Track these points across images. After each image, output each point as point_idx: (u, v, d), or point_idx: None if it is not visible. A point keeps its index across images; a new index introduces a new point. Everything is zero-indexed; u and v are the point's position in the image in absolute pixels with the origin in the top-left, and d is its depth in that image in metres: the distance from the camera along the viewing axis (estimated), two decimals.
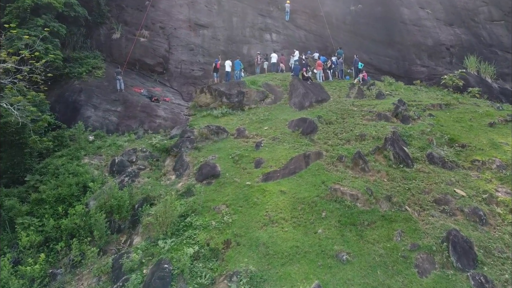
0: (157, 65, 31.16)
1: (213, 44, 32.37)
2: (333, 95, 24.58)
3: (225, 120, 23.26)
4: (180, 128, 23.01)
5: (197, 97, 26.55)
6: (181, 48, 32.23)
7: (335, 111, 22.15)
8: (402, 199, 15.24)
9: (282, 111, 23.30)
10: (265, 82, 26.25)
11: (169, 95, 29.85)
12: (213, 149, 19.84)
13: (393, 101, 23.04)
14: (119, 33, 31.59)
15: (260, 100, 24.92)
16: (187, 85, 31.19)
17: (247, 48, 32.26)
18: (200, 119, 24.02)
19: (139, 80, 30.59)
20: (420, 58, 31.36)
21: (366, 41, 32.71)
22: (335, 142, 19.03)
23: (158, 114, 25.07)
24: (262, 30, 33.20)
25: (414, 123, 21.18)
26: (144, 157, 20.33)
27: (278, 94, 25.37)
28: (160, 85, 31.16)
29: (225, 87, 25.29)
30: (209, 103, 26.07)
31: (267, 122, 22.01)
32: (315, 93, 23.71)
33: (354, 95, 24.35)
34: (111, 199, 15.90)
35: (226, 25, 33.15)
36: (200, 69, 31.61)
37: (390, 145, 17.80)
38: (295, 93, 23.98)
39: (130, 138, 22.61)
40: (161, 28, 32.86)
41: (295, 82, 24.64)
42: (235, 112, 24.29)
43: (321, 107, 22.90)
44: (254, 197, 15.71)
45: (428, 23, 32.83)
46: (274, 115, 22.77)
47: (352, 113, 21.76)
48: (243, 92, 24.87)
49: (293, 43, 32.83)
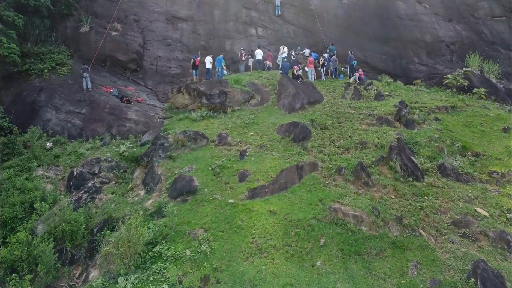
0: (130, 61, 28.46)
1: (192, 39, 29.81)
2: (326, 95, 22.30)
3: (205, 124, 20.73)
4: (153, 133, 20.37)
5: (173, 98, 23.93)
6: (157, 43, 29.59)
7: (330, 114, 19.86)
8: (415, 221, 13.00)
9: (270, 113, 20.90)
10: (250, 81, 23.82)
11: (143, 95, 27.18)
12: (190, 159, 17.30)
13: (394, 102, 20.91)
14: (88, 26, 28.80)
15: (245, 101, 22.47)
16: (164, 84, 28.58)
17: (230, 44, 29.79)
18: (177, 123, 21.43)
19: (109, 78, 27.84)
20: (418, 55, 29.43)
21: (359, 37, 30.63)
22: (332, 151, 16.71)
23: (128, 117, 22.37)
24: (246, 24, 30.78)
25: (419, 128, 19.06)
26: (109, 168, 17.64)
27: (265, 95, 22.97)
28: (133, 84, 28.46)
29: (205, 87, 22.76)
30: (187, 105, 23.51)
31: (253, 126, 19.57)
32: (306, 94, 21.38)
33: (350, 96, 22.12)
34: (63, 222, 13.20)
35: (207, 18, 30.63)
36: (178, 66, 29.03)
37: (397, 154, 15.58)
38: (285, 94, 21.61)
39: (94, 145, 19.88)
40: (135, 21, 30.15)
41: (284, 81, 22.28)
42: (217, 115, 21.78)
43: (314, 109, 20.59)
44: (238, 219, 13.26)
45: (425, 18, 30.95)
46: (260, 119, 20.35)
47: (349, 116, 19.51)
48: (226, 92, 22.38)
49: (280, 38, 30.50)
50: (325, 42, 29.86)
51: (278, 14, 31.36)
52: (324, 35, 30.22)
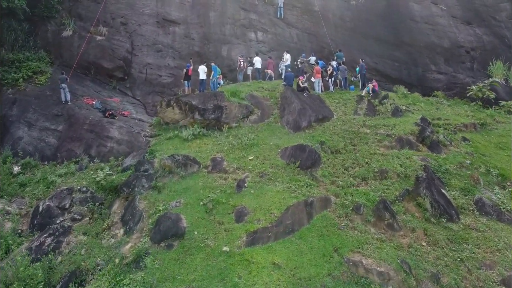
0: (116, 69, 26.09)
1: (185, 44, 27.43)
2: (336, 111, 19.92)
3: (197, 144, 18.34)
4: (137, 155, 17.97)
5: (162, 112, 21.54)
6: (147, 48, 27.21)
7: (342, 134, 17.47)
8: (455, 279, 10.63)
9: (272, 132, 18.51)
10: (249, 93, 21.43)
11: (129, 107, 24.80)
12: (179, 190, 14.92)
13: (414, 119, 18.59)
14: (71, 29, 26.49)
15: (243, 117, 20.09)
16: (153, 95, 26.19)
17: (227, 49, 27.40)
18: (165, 143, 19.06)
19: (93, 88, 25.48)
20: (435, 63, 27.09)
21: (369, 42, 28.31)
22: (346, 182, 14.32)
23: (110, 135, 19.96)
24: (245, 28, 28.42)
25: (446, 151, 16.69)
26: (83, 200, 15.25)
27: (266, 109, 20.58)
28: (120, 94, 26.09)
29: (198, 100, 20.36)
30: (178, 120, 21.13)
31: (252, 148, 17.18)
32: (314, 109, 18.99)
33: (364, 112, 19.73)
34: (16, 281, 10.77)
35: (202, 21, 28.26)
36: (169, 74, 26.64)
37: (426, 188, 13.21)
38: (289, 109, 19.22)
39: (68, 170, 17.50)
40: (123, 24, 27.76)
41: (288, 94, 19.89)
42: (211, 133, 19.39)
43: (322, 128, 18.20)
44: (235, 274, 10.87)
45: (442, 21, 28.63)
46: (261, 138, 17.96)
47: (364, 137, 17.12)
48: (221, 106, 19.99)
49: (282, 43, 28.14)
50: (331, 47, 27.53)
51: (280, 16, 29.01)
52: (331, 40, 27.89)
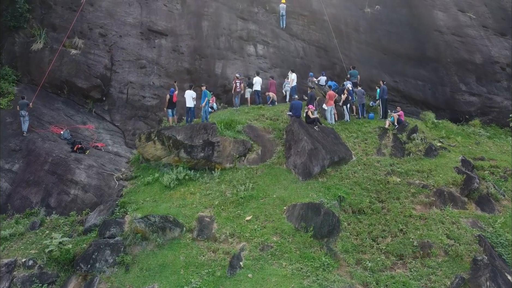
0: (92, 88, 22.87)
1: (173, 60, 24.13)
2: (355, 149, 16.56)
3: (182, 194, 15.02)
4: (105, 210, 14.60)
5: (142, 147, 18.20)
6: (129, 64, 23.91)
7: (365, 184, 14.13)
8: None
9: (276, 178, 15.16)
10: (247, 124, 18.09)
11: (106, 136, 21.53)
12: (153, 268, 11.58)
13: (453, 161, 15.26)
14: (41, 42, 23.35)
15: (240, 155, 16.75)
16: (135, 120, 22.93)
17: (221, 66, 24.11)
18: (142, 190, 15.78)
19: (65, 111, 22.26)
20: (465, 81, 23.83)
21: (388, 57, 25.06)
22: (376, 261, 10.97)
23: (75, 178, 16.63)
24: (243, 40, 25.13)
25: (500, 208, 13.39)
26: (28, 280, 11.92)
27: (267, 145, 17.24)
28: (96, 118, 22.84)
29: (184, 134, 17.02)
30: (160, 157, 17.81)
31: (250, 203, 13.84)
32: (328, 149, 15.61)
33: (389, 151, 16.35)
34: None
35: (193, 32, 24.94)
36: (154, 95, 23.37)
37: (490, 279, 9.82)
38: (296, 148, 15.86)
39: (17, 230, 14.21)
40: (101, 36, 24.47)
41: (295, 129, 16.54)
42: (199, 177, 16.07)
43: (340, 174, 14.86)
44: None
45: (472, 32, 25.38)
46: (262, 188, 14.62)
47: (394, 189, 13.78)
48: (213, 142, 16.65)
49: (286, 58, 24.86)
50: (344, 63, 24.23)
51: (283, 26, 25.71)
52: (343, 54, 24.61)
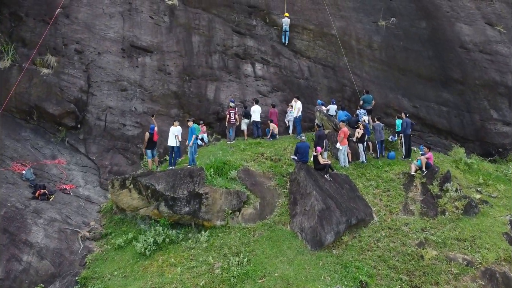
0: (65, 115, 20.32)
1: (159, 81, 21.45)
2: (376, 204, 13.77)
3: (159, 266, 12.26)
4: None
5: (115, 194, 15.41)
6: (108, 86, 21.30)
7: (392, 260, 11.36)
8: None
9: (278, 246, 12.37)
10: (242, 168, 15.30)
11: (77, 175, 18.90)
12: None
13: (499, 222, 12.53)
14: (9, 59, 20.79)
15: (233, 210, 14.00)
16: (113, 153, 20.33)
17: (214, 89, 21.41)
18: (110, 259, 13.08)
19: (32, 142, 19.72)
20: (497, 107, 21.15)
21: (406, 78, 22.39)
22: None
23: (30, 239, 13.86)
24: (239, 58, 22.41)
25: None
26: None
27: (267, 197, 14.47)
28: (69, 150, 20.30)
29: (165, 183, 14.25)
30: (137, 207, 15.09)
31: (245, 285, 11.03)
32: (343, 208, 12.82)
33: (418, 207, 13.55)
34: None
35: (182, 49, 22.23)
36: (135, 124, 20.74)
37: None
38: (304, 205, 13.09)
39: None
40: (77, 53, 21.83)
41: (302, 178, 13.77)
42: (183, 238, 13.32)
43: (359, 244, 12.09)
44: None
45: (503, 50, 22.71)
46: (260, 261, 11.83)
47: (430, 268, 11.02)
48: (200, 194, 13.88)
49: (290, 80, 22.15)
50: (355, 85, 21.52)
51: (285, 42, 22.98)
52: (354, 75, 21.90)
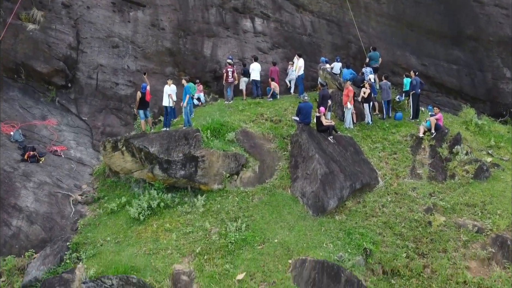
0: (55, 73, 19.49)
1: (152, 37, 20.47)
2: (382, 167, 13.16)
3: (154, 231, 11.84)
4: (51, 255, 11.40)
5: (108, 157, 14.81)
6: (98, 43, 20.36)
7: (398, 227, 10.90)
8: None
9: (278, 211, 11.87)
10: (241, 129, 14.59)
11: (69, 136, 18.30)
12: None
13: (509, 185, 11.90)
14: None
15: (231, 173, 13.42)
16: (106, 113, 19.70)
17: (211, 46, 20.45)
18: (103, 224, 12.66)
19: (21, 102, 19.06)
20: (510, 66, 20.16)
21: (416, 35, 21.34)
22: None
23: (20, 202, 13.35)
24: (238, 13, 21.28)
25: None
26: None
27: (267, 160, 13.84)
28: (60, 110, 19.64)
29: (158, 146, 13.60)
30: (131, 170, 14.53)
31: (243, 252, 10.65)
32: (347, 172, 12.21)
33: (427, 171, 12.96)
34: None
35: (176, 2, 21.07)
36: (128, 82, 19.98)
37: None
38: (305, 168, 12.49)
39: None
40: (65, 7, 20.70)
41: (303, 141, 13.10)
42: (179, 203, 12.83)
43: (363, 209, 11.58)
44: None
45: None
46: (259, 227, 11.37)
47: (438, 235, 10.55)
48: (196, 157, 13.27)
49: (291, 36, 21.15)
50: (361, 41, 20.49)
51: None
52: (360, 31, 20.81)
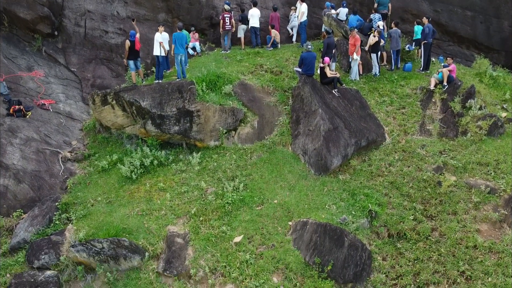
0: (39, 20, 18.31)
1: None
2: (389, 123, 12.41)
3: (147, 190, 11.28)
4: (39, 217, 10.93)
5: (97, 111, 14.02)
6: None
7: (405, 187, 10.33)
8: None
9: (278, 169, 11.27)
10: (239, 82, 13.69)
11: (57, 88, 17.48)
12: None
13: None
14: None
15: (229, 129, 12.70)
16: (96, 64, 18.75)
17: None
18: (93, 183, 12.10)
19: (6, 51, 18.15)
20: None
21: None
22: None
23: (6, 160, 12.74)
24: None
25: None
26: None
27: (266, 114, 13.06)
28: (47, 61, 18.73)
29: (151, 99, 12.77)
30: (122, 125, 13.79)
31: (240, 212, 10.15)
32: (353, 128, 11.48)
33: (437, 127, 12.22)
34: None
35: None
36: (118, 30, 18.86)
37: None
38: (308, 125, 11.74)
39: None
40: None
41: (306, 94, 12.25)
42: (173, 160, 12.22)
43: (369, 168, 10.97)
44: None
45: None
46: (258, 186, 10.81)
47: (448, 196, 10.01)
48: (191, 112, 12.49)
49: None
50: None
51: None
52: None
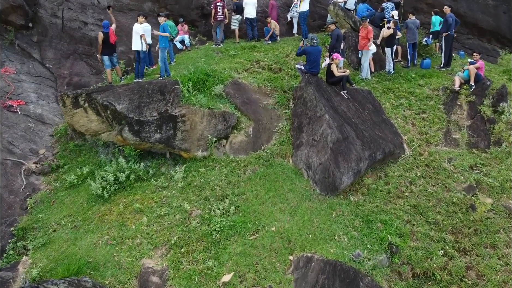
0: (11, 10, 16.89)
1: None
2: (408, 130, 10.69)
3: (120, 212, 9.60)
4: None
5: (69, 115, 12.30)
6: None
7: (432, 212, 8.57)
8: None
9: (276, 188, 9.57)
10: (231, 81, 11.96)
11: (29, 87, 16.08)
12: None
13: None
14: None
15: (219, 137, 10.99)
16: (74, 59, 17.37)
17: None
18: (61, 199, 10.44)
19: None
20: None
21: None
22: None
23: None
24: None
25: None
26: None
27: (263, 120, 11.35)
28: (21, 56, 17.25)
29: (128, 101, 11.05)
30: (97, 131, 12.08)
31: (231, 243, 8.45)
32: (366, 137, 9.75)
33: (465, 136, 10.49)
34: None
35: None
36: (99, 22, 17.44)
37: None
38: (312, 134, 10.01)
39: None
40: None
41: (310, 96, 10.53)
42: (154, 174, 10.50)
43: (385, 188, 9.25)
44: None
45: None
46: (252, 209, 9.13)
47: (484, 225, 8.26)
48: (175, 116, 10.78)
49: None
50: None
51: None
52: None
